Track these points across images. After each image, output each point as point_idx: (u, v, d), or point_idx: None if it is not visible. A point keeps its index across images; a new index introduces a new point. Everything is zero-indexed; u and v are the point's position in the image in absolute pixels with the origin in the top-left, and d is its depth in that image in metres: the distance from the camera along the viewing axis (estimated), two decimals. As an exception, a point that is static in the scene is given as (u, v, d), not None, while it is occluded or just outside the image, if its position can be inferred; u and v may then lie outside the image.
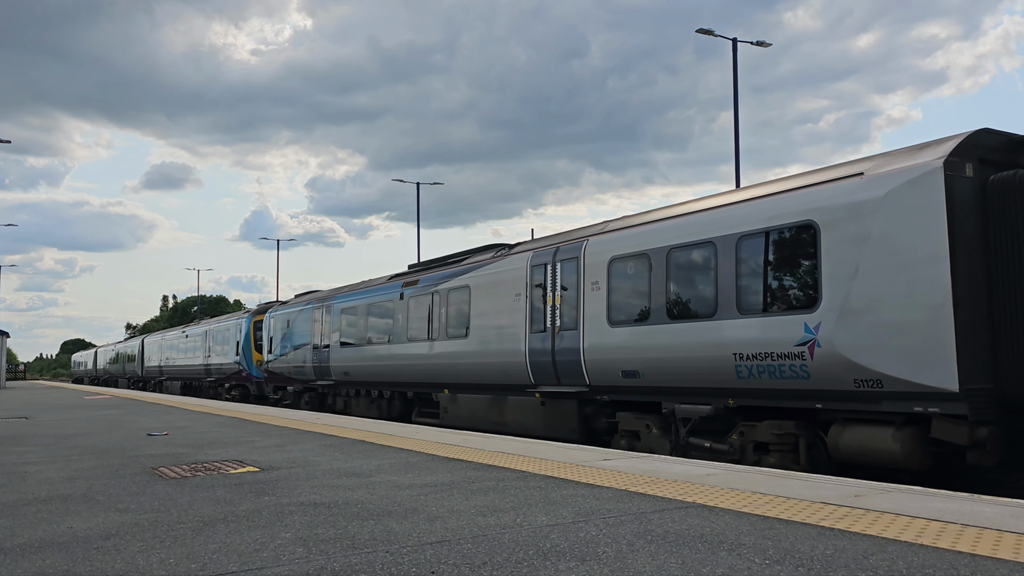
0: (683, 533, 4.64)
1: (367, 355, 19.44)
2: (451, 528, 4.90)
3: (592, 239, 12.46)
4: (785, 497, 5.73)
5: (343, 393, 21.48)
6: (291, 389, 24.89)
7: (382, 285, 19.46)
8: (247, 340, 30.46)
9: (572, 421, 12.68)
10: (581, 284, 12.36)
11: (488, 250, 16.30)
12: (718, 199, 10.79)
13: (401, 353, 17.72)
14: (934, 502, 5.42)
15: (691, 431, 10.58)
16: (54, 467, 8.43)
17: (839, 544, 4.28)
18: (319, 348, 22.08)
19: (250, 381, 30.18)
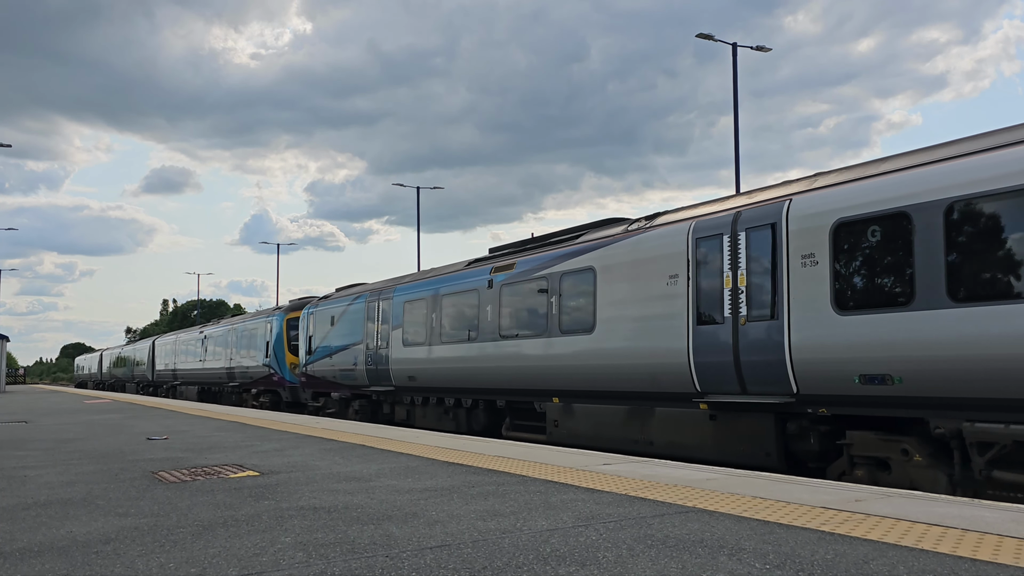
0: (683, 538, 4.64)
1: (442, 356, 16.35)
2: (451, 532, 4.90)
3: (799, 197, 9.51)
4: (785, 502, 5.72)
5: (405, 401, 18.19)
6: (336, 396, 21.57)
7: (460, 272, 16.36)
8: (279, 340, 27.04)
9: (765, 442, 9.72)
10: (783, 259, 9.46)
11: (612, 224, 13.31)
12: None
13: (491, 354, 14.68)
14: (935, 507, 5.41)
15: (993, 461, 7.67)
16: (54, 471, 8.42)
17: (839, 549, 4.28)
18: (374, 348, 18.97)
19: (282, 386, 26.94)
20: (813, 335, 9.03)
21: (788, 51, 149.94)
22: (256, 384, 29.19)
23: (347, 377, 20.45)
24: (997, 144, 7.73)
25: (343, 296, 21.56)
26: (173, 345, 43.54)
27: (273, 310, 29.11)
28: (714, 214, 10.66)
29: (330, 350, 21.39)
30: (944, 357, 7.77)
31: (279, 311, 27.98)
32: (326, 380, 21.79)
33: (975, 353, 7.53)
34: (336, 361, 21.00)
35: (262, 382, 28.57)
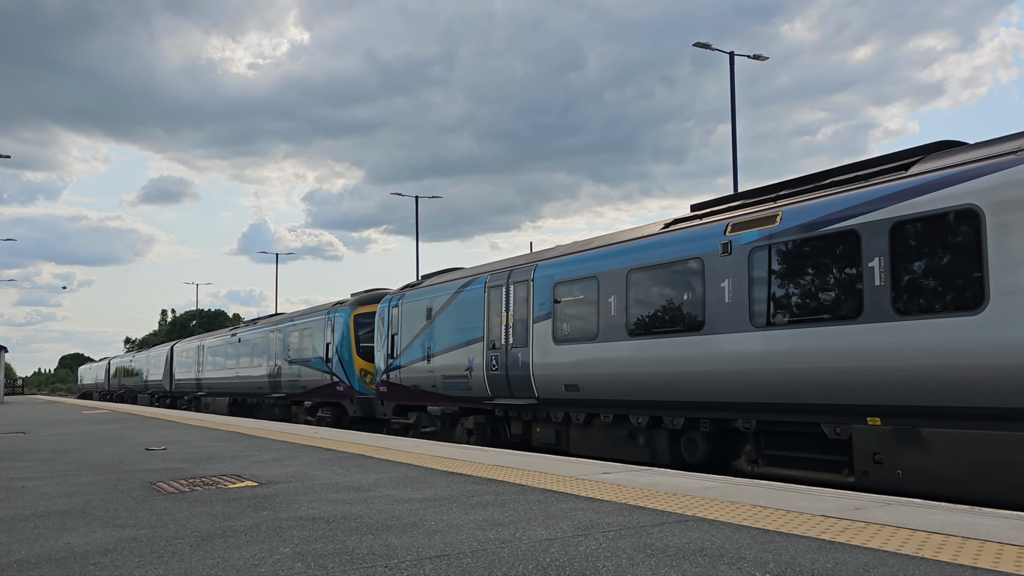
0: (683, 547, 4.62)
1: (629, 357, 11.63)
2: (450, 542, 4.88)
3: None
4: (785, 510, 5.71)
5: (554, 418, 13.36)
6: (436, 411, 16.58)
7: (657, 237, 11.63)
8: (345, 341, 21.89)
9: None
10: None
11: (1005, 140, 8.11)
12: None
13: (734, 352, 10.08)
14: (935, 515, 5.40)
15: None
16: (52, 482, 8.40)
17: (840, 557, 4.27)
18: (503, 347, 14.29)
19: (349, 398, 21.74)
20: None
21: (785, 59, 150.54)
22: (311, 396, 23.96)
23: (455, 386, 15.66)
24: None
25: (445, 282, 16.79)
26: (197, 350, 37.82)
27: (333, 305, 23.48)
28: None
29: (426, 351, 16.70)
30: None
31: (343, 306, 22.76)
32: (419, 390, 17.07)
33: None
34: (438, 366, 16.24)
35: (320, 393, 23.28)
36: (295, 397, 25.17)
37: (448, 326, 16.14)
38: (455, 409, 15.95)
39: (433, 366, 16.50)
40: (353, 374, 21.75)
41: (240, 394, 31.04)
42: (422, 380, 16.94)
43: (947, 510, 5.61)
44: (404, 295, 18.28)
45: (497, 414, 14.92)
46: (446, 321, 16.22)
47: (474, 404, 15.28)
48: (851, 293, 8.88)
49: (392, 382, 18.30)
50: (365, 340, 21.51)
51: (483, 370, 14.82)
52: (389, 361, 18.44)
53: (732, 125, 25.18)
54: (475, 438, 15.23)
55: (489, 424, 15.11)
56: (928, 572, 3.93)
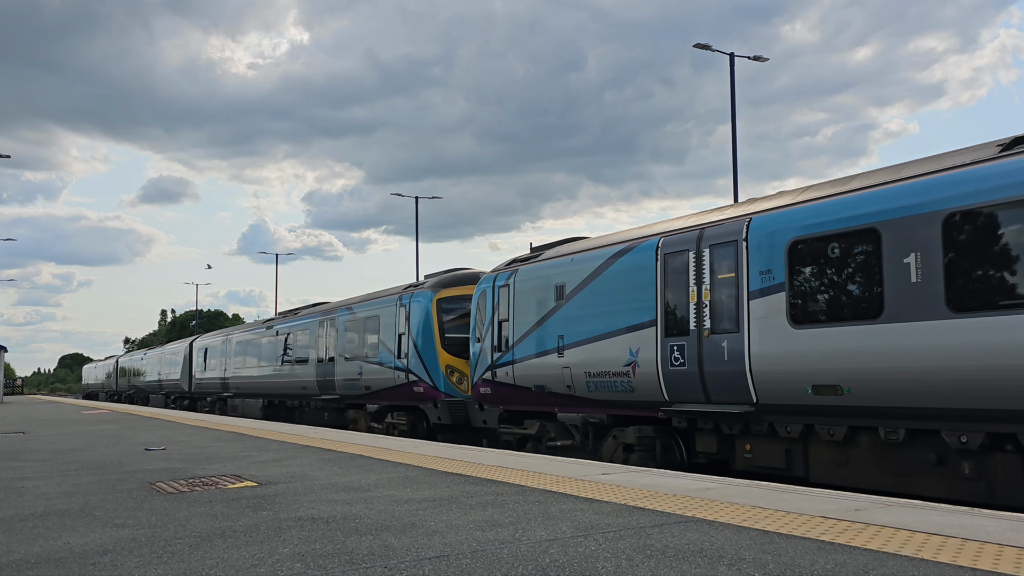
0: (683, 548, 4.62)
1: (973, 340, 7.70)
2: (450, 543, 4.88)
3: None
4: (785, 511, 5.71)
5: (782, 433, 9.67)
6: (571, 418, 12.82)
7: (996, 162, 7.82)
8: (426, 331, 17.79)
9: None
10: None
11: None
12: None
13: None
14: (934, 516, 5.40)
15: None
16: (51, 482, 8.40)
17: (839, 559, 4.27)
18: (695, 333, 10.48)
19: (431, 401, 17.53)
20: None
21: (785, 60, 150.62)
22: (376, 398, 19.79)
23: (606, 387, 11.96)
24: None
25: (582, 251, 12.97)
26: (223, 346, 33.38)
27: (405, 288, 19.41)
28: None
29: (556, 341, 12.90)
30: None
31: (420, 288, 18.68)
32: (544, 392, 13.33)
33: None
34: (576, 360, 12.50)
35: (389, 395, 19.10)
36: (352, 399, 21.02)
37: (593, 307, 12.23)
38: (602, 417, 12.22)
39: (568, 360, 12.64)
40: (437, 372, 17.44)
41: (278, 395, 26.74)
42: (549, 379, 13.10)
43: (946, 511, 5.61)
44: (517, 271, 14.37)
45: (676, 424, 10.98)
46: (590, 301, 12.30)
47: (636, 411, 11.58)
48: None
49: (500, 381, 14.33)
50: (452, 330, 17.66)
51: (656, 365, 11.00)
52: (495, 355, 14.47)
53: (732, 126, 25.20)
54: (637, 456, 11.32)
55: (658, 438, 11.32)
56: (927, 573, 3.93)
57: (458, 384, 17.23)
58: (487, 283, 15.28)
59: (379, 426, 19.65)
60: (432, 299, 17.99)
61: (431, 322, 17.75)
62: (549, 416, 13.61)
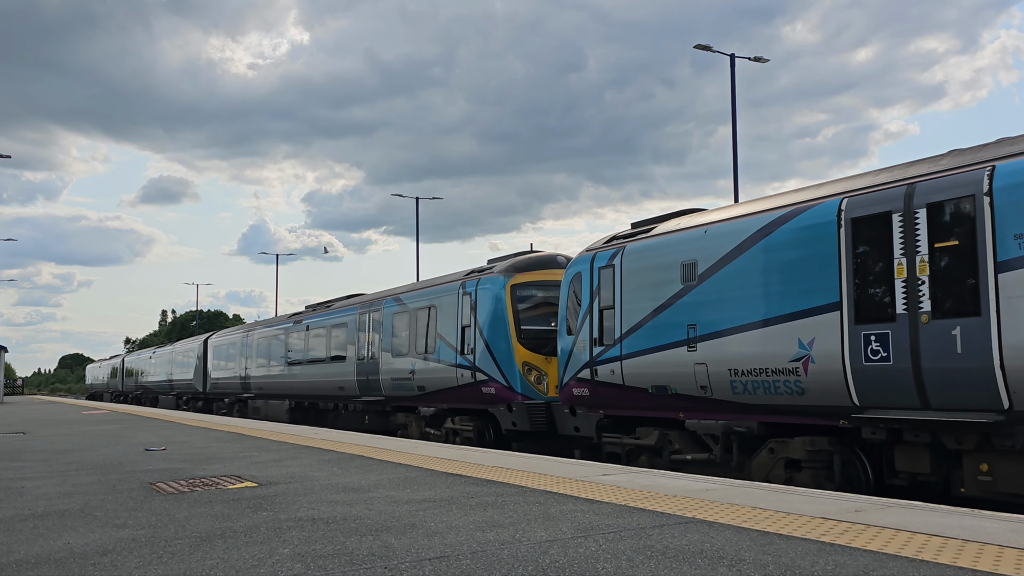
0: (683, 549, 4.62)
1: None
2: (450, 544, 4.88)
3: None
4: (785, 512, 5.71)
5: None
6: (710, 427, 10.56)
7: None
8: (498, 323, 15.20)
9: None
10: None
11: None
12: None
13: None
14: (935, 517, 5.40)
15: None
16: (51, 482, 8.40)
17: (840, 560, 4.27)
18: (903, 320, 8.44)
19: (505, 404, 14.92)
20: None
21: (786, 61, 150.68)
22: (433, 400, 17.17)
23: (761, 387, 9.71)
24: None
25: (716, 222, 10.75)
26: (242, 343, 30.75)
27: (468, 274, 16.76)
28: None
29: (686, 332, 10.65)
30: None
31: (486, 273, 16.03)
32: (669, 394, 10.98)
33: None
34: (716, 354, 10.24)
35: (451, 396, 16.51)
36: (402, 401, 18.47)
37: (740, 289, 10.04)
38: (751, 425, 10.03)
39: (704, 355, 10.39)
40: (512, 369, 14.78)
41: (308, 396, 24.18)
42: (674, 378, 10.84)
43: (947, 512, 5.61)
44: (623, 249, 12.00)
45: (870, 437, 8.81)
46: (735, 281, 10.13)
47: (804, 418, 9.44)
48: None
49: (601, 381, 12.03)
50: (528, 321, 15.13)
51: (842, 360, 8.87)
52: (595, 349, 12.21)
53: (733, 127, 25.19)
54: (807, 475, 9.27)
55: (837, 452, 9.21)
56: (928, 574, 3.92)
57: (536, 384, 14.63)
58: (581, 264, 12.82)
59: (436, 432, 17.01)
60: (505, 285, 15.30)
61: (504, 312, 15.10)
62: (671, 424, 11.24)
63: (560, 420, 13.79)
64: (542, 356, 14.83)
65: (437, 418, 17.14)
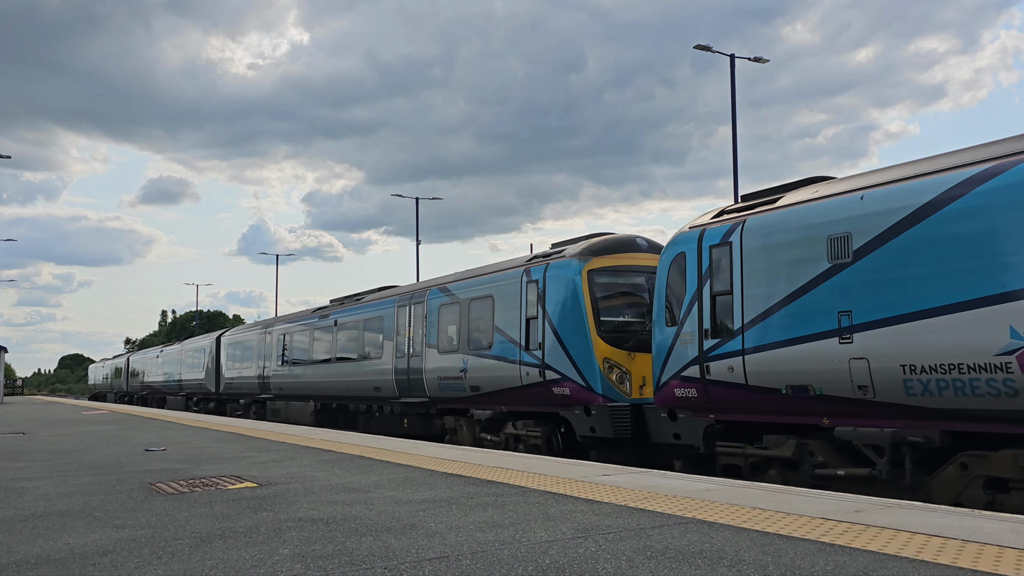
0: (683, 549, 4.62)
1: None
2: (450, 544, 4.88)
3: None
4: (785, 512, 5.71)
5: None
6: (867, 435, 8.70)
7: None
8: (573, 313, 13.29)
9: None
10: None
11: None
12: None
13: None
14: (934, 518, 5.40)
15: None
16: (51, 483, 8.40)
17: (840, 560, 4.27)
18: None
19: (582, 406, 12.99)
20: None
21: (786, 61, 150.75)
22: (490, 401, 15.16)
23: (951, 387, 7.90)
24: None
25: (890, 182, 8.77)
26: (260, 340, 28.51)
27: (531, 260, 14.83)
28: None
29: (834, 320, 8.91)
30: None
31: (555, 258, 14.05)
32: (811, 396, 9.20)
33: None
34: (883, 347, 8.44)
35: (511, 398, 14.50)
36: (449, 403, 16.48)
37: (917, 266, 8.19)
38: (931, 435, 8.21)
39: (864, 348, 8.56)
40: (591, 367, 12.87)
41: (336, 398, 22.23)
42: (819, 376, 9.04)
43: (947, 513, 5.61)
44: (743, 223, 10.09)
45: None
46: (907, 257, 8.28)
47: (1013, 426, 7.61)
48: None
49: (715, 380, 10.19)
50: (609, 311, 13.29)
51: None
52: (706, 342, 10.36)
53: (733, 128, 25.20)
54: (1021, 497, 7.53)
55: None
56: (927, 574, 3.93)
57: (618, 384, 12.80)
58: (685, 243, 10.92)
59: (493, 438, 15.03)
60: (581, 271, 13.36)
61: (581, 301, 13.17)
62: (811, 431, 9.50)
63: (654, 425, 11.54)
64: (624, 352, 12.98)
65: (494, 422, 15.22)
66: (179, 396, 40.69)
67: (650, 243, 14.06)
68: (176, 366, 41.57)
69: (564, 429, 13.68)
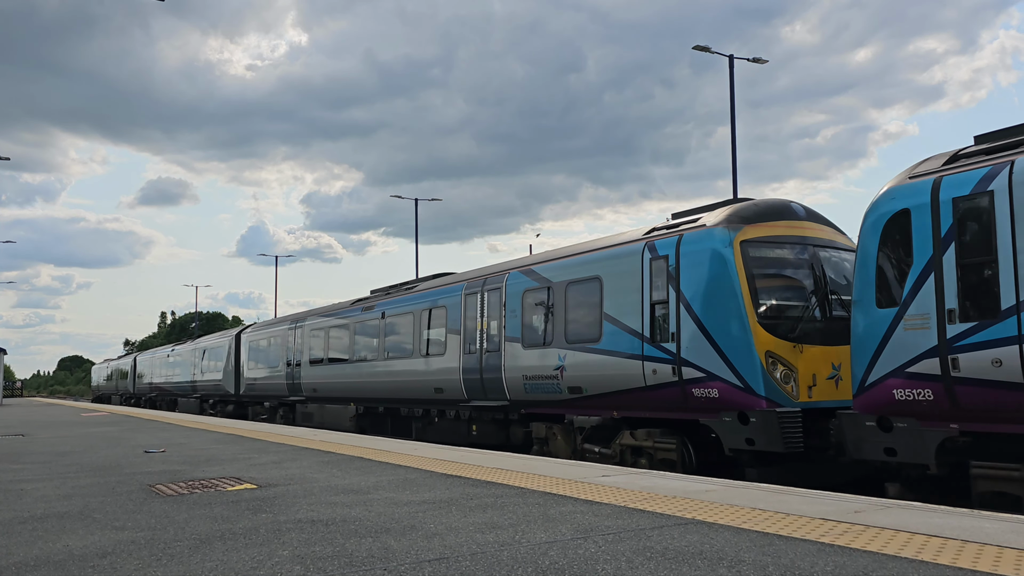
0: (683, 550, 4.62)
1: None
2: (449, 545, 4.88)
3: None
4: (784, 513, 5.71)
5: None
6: None
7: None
8: (723, 294, 10.67)
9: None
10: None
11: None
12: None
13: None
14: (934, 518, 5.40)
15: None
16: (51, 484, 8.39)
17: (839, 560, 4.27)
18: None
19: (735, 412, 10.29)
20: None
21: (785, 61, 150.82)
22: (597, 405, 12.43)
23: None
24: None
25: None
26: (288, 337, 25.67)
27: (650, 232, 12.30)
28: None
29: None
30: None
31: (689, 228, 11.46)
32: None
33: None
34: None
35: (630, 400, 11.82)
36: (540, 407, 13.81)
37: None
38: None
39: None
40: (751, 362, 10.22)
41: (385, 400, 19.46)
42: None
43: (946, 513, 5.61)
44: (1011, 165, 7.67)
45: None
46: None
47: None
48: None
49: (965, 378, 7.79)
50: (768, 293, 10.62)
51: None
52: (950, 327, 7.96)
53: (732, 128, 25.20)
54: None
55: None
56: (927, 575, 3.93)
57: (783, 383, 10.15)
58: (909, 197, 8.48)
59: (604, 450, 12.27)
60: (731, 242, 10.69)
61: (734, 280, 10.50)
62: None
63: (855, 437, 8.85)
64: (788, 343, 10.33)
65: (601, 431, 12.52)
66: (192, 398, 37.97)
67: (807, 210, 11.64)
68: (189, 366, 38.71)
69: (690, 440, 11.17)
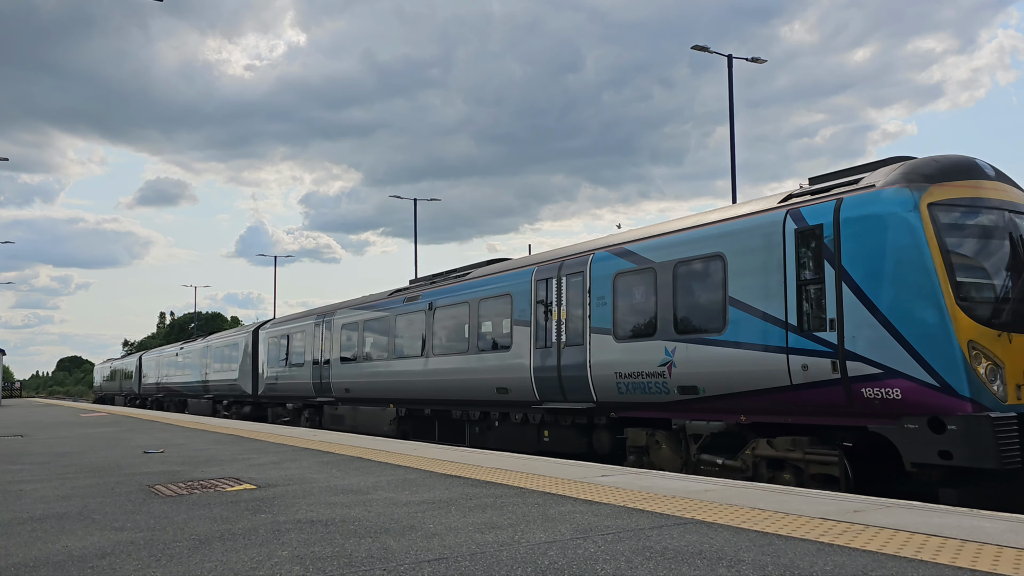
0: (682, 550, 4.62)
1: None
2: (449, 545, 4.88)
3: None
4: (784, 513, 5.71)
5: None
6: None
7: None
8: (907, 270, 8.31)
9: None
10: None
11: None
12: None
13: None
14: (933, 517, 5.40)
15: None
16: (50, 485, 8.39)
17: (839, 560, 4.27)
18: None
19: (925, 418, 8.01)
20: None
21: (784, 61, 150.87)
22: (719, 407, 10.32)
23: None
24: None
25: None
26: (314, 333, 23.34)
27: (787, 198, 10.07)
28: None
29: None
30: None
31: (850, 190, 9.14)
32: None
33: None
34: None
35: (768, 402, 9.61)
36: (635, 410, 11.76)
37: None
38: None
39: None
40: (950, 355, 8.02)
41: (433, 402, 17.23)
42: None
43: (945, 512, 5.61)
44: None
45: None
46: None
47: None
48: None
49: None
50: (966, 270, 8.43)
51: None
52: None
53: (731, 128, 25.21)
54: None
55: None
56: (927, 574, 3.93)
57: (989, 382, 8.02)
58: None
59: (728, 462, 10.31)
60: (917, 205, 8.47)
61: (923, 251, 8.30)
62: None
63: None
64: (994, 332, 8.19)
65: (722, 439, 10.57)
66: (204, 399, 35.13)
67: (996, 169, 9.35)
68: (201, 365, 35.88)
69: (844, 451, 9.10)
